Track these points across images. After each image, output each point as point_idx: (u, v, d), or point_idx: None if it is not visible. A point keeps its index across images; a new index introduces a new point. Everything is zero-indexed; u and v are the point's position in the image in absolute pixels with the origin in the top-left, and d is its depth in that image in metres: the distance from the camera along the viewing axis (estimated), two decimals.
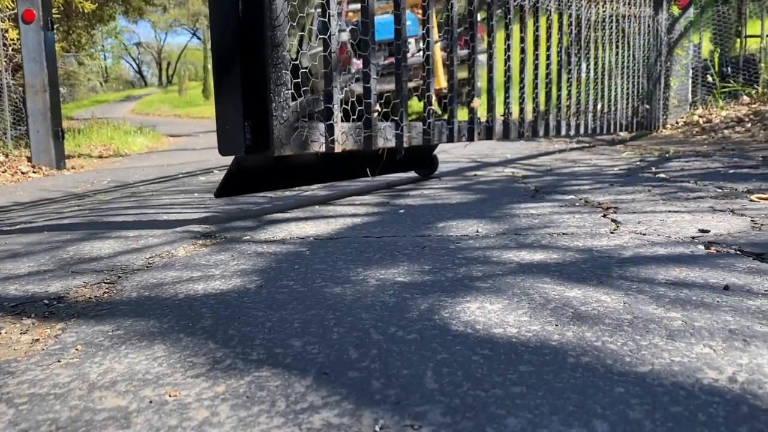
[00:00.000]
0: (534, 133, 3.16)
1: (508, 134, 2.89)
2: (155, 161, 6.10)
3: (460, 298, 1.01)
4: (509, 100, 2.90)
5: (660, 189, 2.17)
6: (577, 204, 1.94)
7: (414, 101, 8.96)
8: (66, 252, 1.60)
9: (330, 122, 1.95)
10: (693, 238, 1.37)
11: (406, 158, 2.54)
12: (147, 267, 1.39)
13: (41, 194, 3.64)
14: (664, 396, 0.64)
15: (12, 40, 5.75)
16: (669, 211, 1.71)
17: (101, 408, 0.68)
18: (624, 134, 4.96)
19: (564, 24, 3.49)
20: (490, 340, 0.82)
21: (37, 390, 0.74)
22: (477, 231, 1.59)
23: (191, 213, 2.24)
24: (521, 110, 3.09)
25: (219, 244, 1.60)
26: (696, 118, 5.37)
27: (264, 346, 0.84)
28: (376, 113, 2.13)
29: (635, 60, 4.54)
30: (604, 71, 4.11)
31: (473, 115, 2.65)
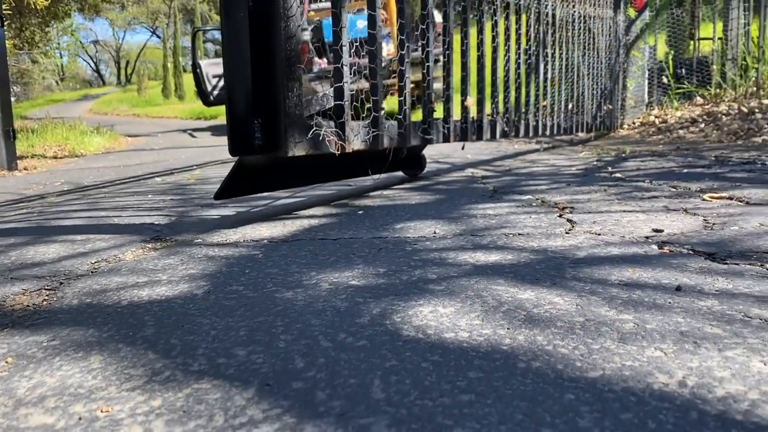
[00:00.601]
0: (504, 135, 3.15)
1: (482, 135, 2.86)
2: (112, 162, 5.95)
3: (414, 302, 0.99)
4: (483, 101, 2.88)
5: (616, 189, 2.18)
6: (534, 204, 1.94)
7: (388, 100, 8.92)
8: (7, 257, 1.53)
9: (341, 120, 1.90)
10: (647, 238, 1.38)
11: (394, 158, 2.49)
12: (92, 272, 1.33)
13: None
14: (615, 403, 0.63)
15: None
16: (624, 211, 1.73)
17: (25, 427, 0.64)
18: (583, 135, 5.02)
19: (532, 23, 3.49)
20: (441, 346, 0.80)
21: None
22: (434, 232, 1.58)
23: (144, 216, 2.17)
24: (495, 111, 3.08)
25: (169, 248, 1.55)
26: (652, 119, 5.47)
27: (206, 356, 0.81)
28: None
29: (600, 60, 4.60)
30: (575, 71, 4.15)
31: (449, 116, 2.62)
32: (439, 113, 2.64)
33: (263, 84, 1.70)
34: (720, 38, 5.76)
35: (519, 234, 1.50)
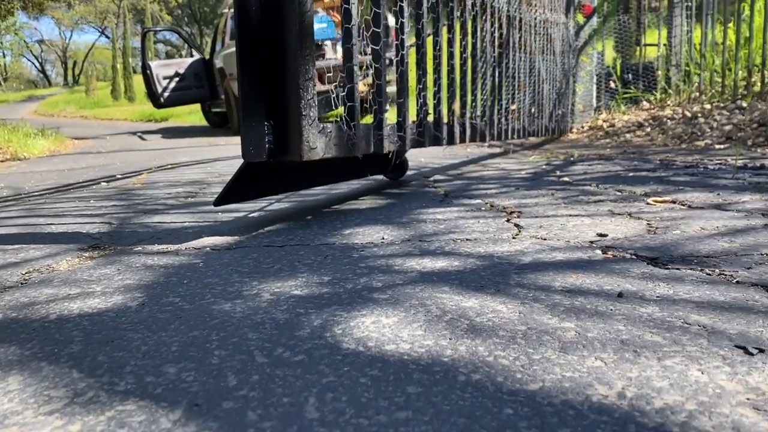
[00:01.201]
0: (472, 138, 3.12)
1: (453, 140, 2.83)
2: (56, 165, 5.75)
3: (356, 312, 0.97)
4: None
5: (563, 192, 2.20)
6: (483, 208, 1.94)
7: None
8: None
9: (353, 123, 1.85)
10: (591, 243, 1.39)
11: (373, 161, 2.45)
12: (22, 284, 1.27)
13: None
14: (553, 417, 0.62)
15: None
16: (570, 215, 1.74)
17: None
18: (534, 139, 5.09)
19: (496, 26, 3.49)
20: (381, 359, 0.78)
21: None
22: (383, 238, 1.56)
23: (85, 223, 2.09)
24: (463, 114, 3.06)
25: (107, 257, 1.49)
26: (600, 123, 5.58)
27: (135, 374, 0.77)
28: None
29: (556, 64, 4.67)
30: (538, 75, 4.19)
31: (423, 119, 2.59)
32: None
33: (275, 83, 1.61)
34: (665, 44, 5.93)
35: (467, 239, 1.49)
